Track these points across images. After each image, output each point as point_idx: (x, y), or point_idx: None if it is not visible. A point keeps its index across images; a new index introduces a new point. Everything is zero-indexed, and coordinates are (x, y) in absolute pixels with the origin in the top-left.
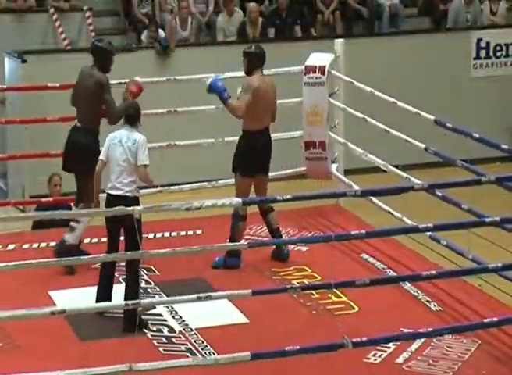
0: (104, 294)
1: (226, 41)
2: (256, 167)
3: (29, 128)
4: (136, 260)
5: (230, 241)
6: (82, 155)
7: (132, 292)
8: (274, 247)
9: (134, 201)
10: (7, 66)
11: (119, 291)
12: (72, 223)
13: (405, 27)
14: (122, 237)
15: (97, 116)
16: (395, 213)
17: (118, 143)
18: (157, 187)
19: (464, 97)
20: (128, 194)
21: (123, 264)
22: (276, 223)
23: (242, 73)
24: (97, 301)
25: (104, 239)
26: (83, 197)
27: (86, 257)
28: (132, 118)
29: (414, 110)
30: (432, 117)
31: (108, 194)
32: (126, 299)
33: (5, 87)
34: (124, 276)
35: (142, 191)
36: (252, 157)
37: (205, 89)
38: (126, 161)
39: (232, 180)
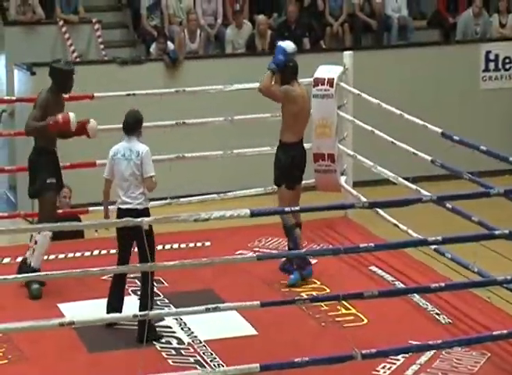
0: (115, 305)
1: (235, 54)
2: (299, 179)
3: None
4: (150, 272)
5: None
6: (34, 175)
7: (145, 302)
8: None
9: (145, 212)
10: (16, 78)
11: (127, 302)
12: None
13: (414, 40)
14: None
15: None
16: (401, 226)
17: (121, 157)
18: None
19: (473, 109)
20: (138, 206)
21: (132, 276)
22: (300, 240)
23: (250, 85)
24: (108, 312)
25: (113, 251)
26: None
27: (95, 269)
28: (128, 127)
29: (421, 123)
30: (439, 130)
31: (119, 209)
32: (140, 310)
33: (14, 98)
34: (134, 288)
35: (151, 203)
36: (296, 169)
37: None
38: (133, 175)
39: (241, 192)
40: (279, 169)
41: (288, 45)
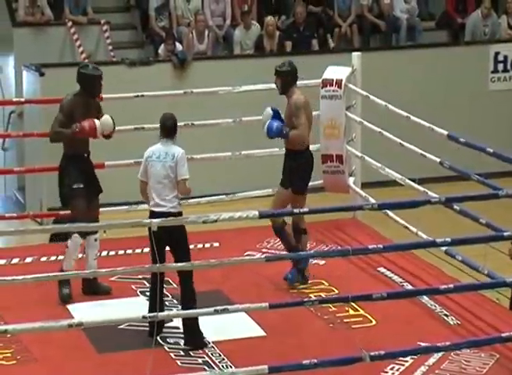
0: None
1: (243, 55)
2: (308, 183)
3: (47, 141)
4: (189, 272)
5: (290, 251)
6: (61, 181)
7: (190, 303)
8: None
9: (179, 216)
10: (25, 79)
11: (135, 303)
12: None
13: (422, 41)
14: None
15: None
16: (411, 227)
17: (156, 160)
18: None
19: (482, 110)
20: (172, 210)
21: (141, 277)
22: (305, 246)
23: (259, 86)
24: (150, 312)
25: (121, 252)
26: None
27: (105, 270)
28: (167, 131)
29: (428, 125)
30: (445, 132)
31: (152, 212)
32: (183, 309)
33: (23, 100)
34: (142, 289)
35: None
36: (309, 175)
37: (265, 134)
38: (167, 177)
39: (250, 193)
40: (293, 174)
41: (268, 113)
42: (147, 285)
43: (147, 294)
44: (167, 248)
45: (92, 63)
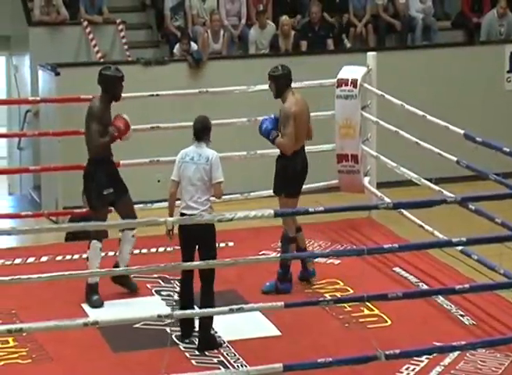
0: (186, 303)
1: (258, 54)
2: (299, 187)
3: (62, 140)
4: (212, 271)
5: (281, 266)
6: (83, 187)
7: (208, 301)
8: (301, 268)
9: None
10: (41, 78)
11: (150, 303)
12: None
13: (438, 40)
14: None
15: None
16: (426, 227)
17: (190, 161)
18: None
19: (498, 110)
20: (203, 213)
21: (156, 276)
22: (304, 243)
23: None
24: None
25: (136, 251)
26: (92, 231)
27: (119, 268)
28: (198, 133)
29: (444, 124)
30: (461, 131)
31: (183, 214)
32: (201, 307)
33: (38, 99)
34: (157, 289)
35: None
36: (296, 178)
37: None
38: (201, 179)
39: (265, 192)
40: (278, 178)
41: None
42: (163, 284)
43: (163, 293)
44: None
45: (111, 63)
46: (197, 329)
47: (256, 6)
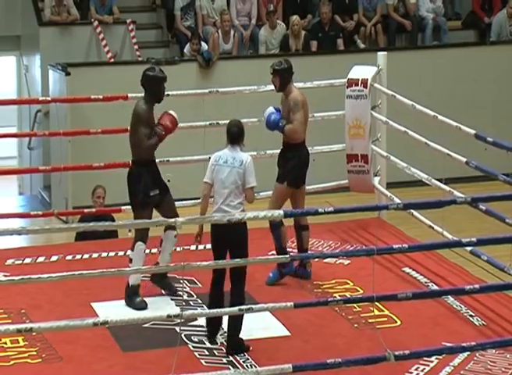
0: (216, 302)
1: (269, 54)
2: (304, 178)
3: (72, 140)
4: (244, 269)
5: (277, 251)
6: (128, 188)
7: (239, 299)
8: (298, 266)
9: (243, 223)
10: (51, 78)
11: (160, 302)
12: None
13: (448, 40)
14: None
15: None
16: (436, 227)
17: (224, 164)
18: None
19: (509, 110)
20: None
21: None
22: (307, 244)
23: None
24: (209, 308)
25: (146, 251)
26: (135, 232)
27: (129, 268)
28: (234, 137)
29: (455, 124)
30: (472, 131)
31: None
32: (232, 305)
33: (49, 99)
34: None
35: (184, 203)
36: (303, 168)
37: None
38: (234, 183)
39: None
40: (284, 167)
41: (269, 112)
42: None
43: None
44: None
45: (120, 63)
46: (201, 325)
47: (266, 6)
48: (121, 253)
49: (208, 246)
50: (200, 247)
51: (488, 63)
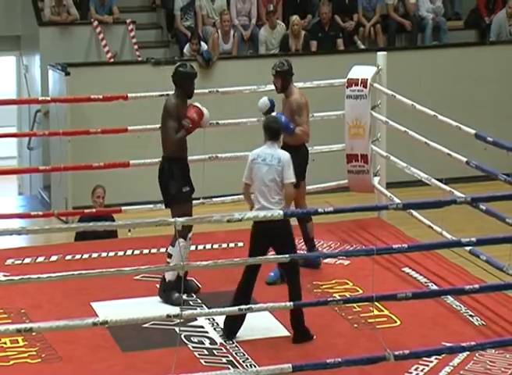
0: (243, 298)
1: (268, 54)
2: (304, 174)
3: (72, 140)
4: (297, 263)
5: (306, 242)
6: (166, 184)
7: (296, 294)
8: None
9: (285, 219)
10: (51, 78)
11: (159, 302)
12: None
13: (448, 40)
14: None
15: (177, 145)
16: (435, 227)
17: (262, 162)
18: None
19: (509, 110)
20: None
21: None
22: (312, 232)
23: None
24: (234, 304)
25: (146, 251)
26: (182, 228)
27: (129, 269)
28: (274, 134)
29: (455, 124)
30: (473, 131)
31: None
32: (291, 300)
33: (48, 99)
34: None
35: None
36: (305, 166)
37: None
38: (273, 180)
39: None
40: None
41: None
42: None
43: None
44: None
45: (121, 63)
46: (201, 325)
47: (266, 6)
48: (120, 253)
49: (208, 246)
50: (200, 247)
51: (488, 63)
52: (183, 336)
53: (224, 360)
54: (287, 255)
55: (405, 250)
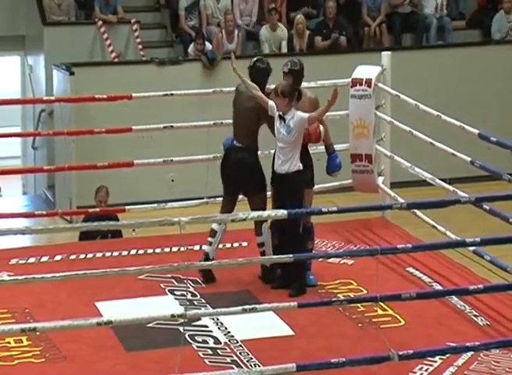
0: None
1: (273, 54)
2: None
3: (76, 140)
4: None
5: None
6: (252, 174)
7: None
8: None
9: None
10: (55, 78)
11: (163, 302)
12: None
13: (452, 40)
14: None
15: (256, 135)
16: (439, 227)
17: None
18: None
19: None
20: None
21: (170, 276)
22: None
23: None
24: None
25: (150, 250)
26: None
27: (133, 268)
28: None
29: (458, 124)
30: (476, 131)
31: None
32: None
33: (53, 98)
34: (171, 288)
35: (188, 203)
36: (312, 175)
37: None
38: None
39: None
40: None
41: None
42: (176, 284)
43: (176, 292)
44: None
45: (125, 63)
46: (205, 325)
47: (268, 5)
48: (125, 253)
49: (205, 246)
50: (204, 247)
51: (494, 63)
52: (187, 335)
53: (228, 360)
54: (291, 255)
55: (409, 250)
